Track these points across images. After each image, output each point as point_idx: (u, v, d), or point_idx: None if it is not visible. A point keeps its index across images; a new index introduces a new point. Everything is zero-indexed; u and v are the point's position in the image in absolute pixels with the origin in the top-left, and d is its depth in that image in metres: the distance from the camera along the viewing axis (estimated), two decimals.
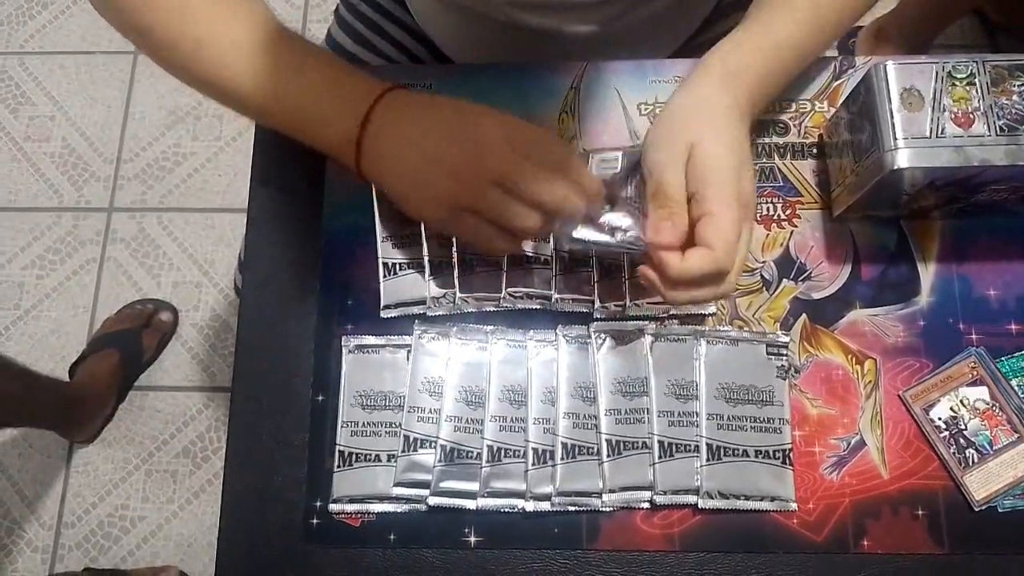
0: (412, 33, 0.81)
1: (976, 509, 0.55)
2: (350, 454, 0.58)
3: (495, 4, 0.69)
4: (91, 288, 1.51)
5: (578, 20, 0.70)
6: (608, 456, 0.56)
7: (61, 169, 1.58)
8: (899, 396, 0.58)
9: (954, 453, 0.56)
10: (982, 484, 0.56)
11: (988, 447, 0.56)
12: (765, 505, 0.56)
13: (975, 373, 0.57)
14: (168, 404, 1.44)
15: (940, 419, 0.57)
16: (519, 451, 0.57)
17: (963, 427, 0.57)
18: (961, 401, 0.57)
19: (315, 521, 0.57)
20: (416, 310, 0.60)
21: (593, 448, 0.57)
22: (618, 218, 0.53)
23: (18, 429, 1.41)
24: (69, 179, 1.58)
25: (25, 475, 1.41)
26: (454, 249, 0.59)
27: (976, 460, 0.56)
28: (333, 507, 0.57)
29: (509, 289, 0.59)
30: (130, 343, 1.41)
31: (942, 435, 0.57)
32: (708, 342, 0.59)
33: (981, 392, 0.57)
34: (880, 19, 1.48)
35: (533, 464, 0.56)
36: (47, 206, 1.56)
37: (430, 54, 0.81)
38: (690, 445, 0.57)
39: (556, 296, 0.59)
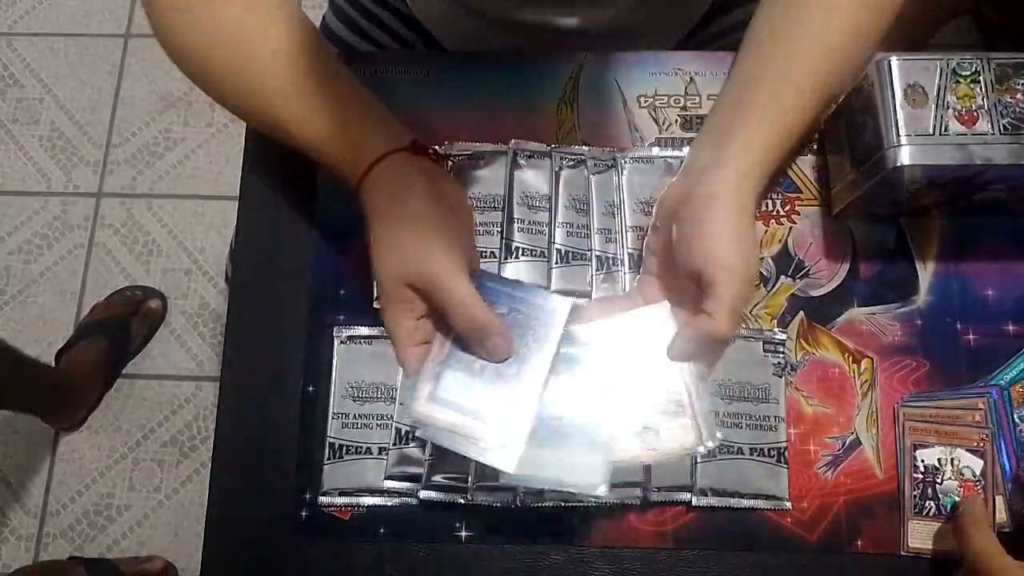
0: (408, 22, 0.80)
1: (901, 553, 0.55)
2: (340, 446, 0.57)
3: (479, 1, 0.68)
4: (79, 274, 1.49)
5: (571, 14, 0.69)
6: None
7: (49, 153, 1.56)
8: (895, 409, 0.57)
9: (915, 496, 0.55)
10: (922, 537, 0.55)
11: (948, 511, 0.55)
12: (759, 503, 0.55)
13: (981, 443, 0.56)
14: (156, 392, 1.43)
15: (923, 462, 0.56)
16: None
17: (938, 481, 0.56)
18: (952, 459, 0.56)
19: (304, 513, 0.57)
20: None
21: None
22: None
23: (2, 416, 1.40)
24: (58, 163, 1.56)
25: (10, 462, 1.39)
26: None
27: (931, 514, 0.55)
28: (322, 499, 0.56)
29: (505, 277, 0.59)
30: (118, 330, 1.39)
31: (915, 475, 0.56)
32: None
33: (976, 463, 0.56)
34: None
35: None
36: (35, 190, 1.54)
37: (426, 44, 0.80)
38: None
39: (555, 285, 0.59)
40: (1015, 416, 0.56)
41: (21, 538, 1.36)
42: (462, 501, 0.55)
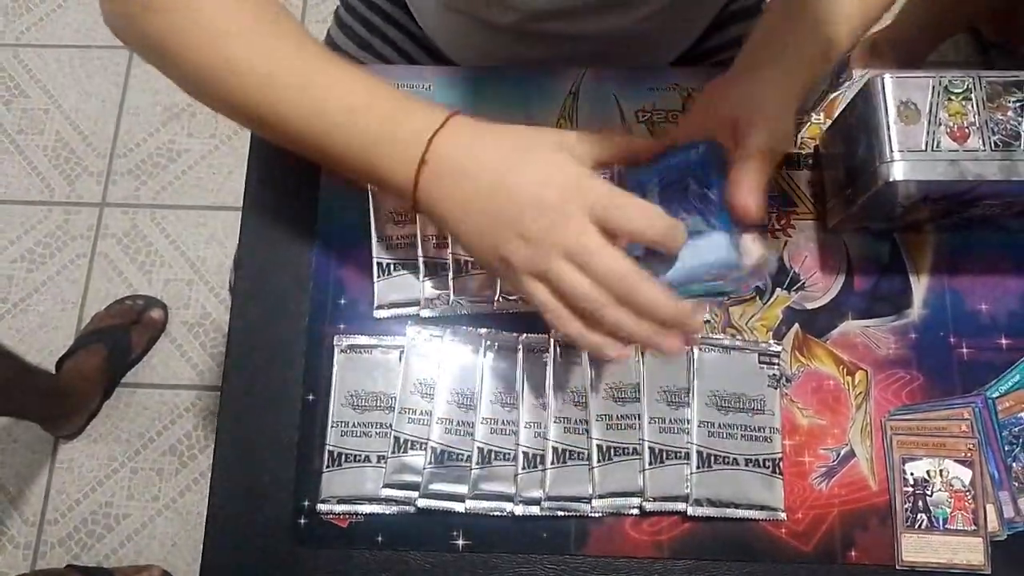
0: (413, 37, 0.81)
1: (897, 567, 0.55)
2: (339, 454, 0.57)
3: (504, 15, 0.69)
4: (81, 283, 1.50)
5: (596, 23, 0.70)
6: (598, 461, 0.56)
7: (54, 163, 1.57)
8: (882, 422, 0.58)
9: (907, 509, 0.56)
10: (916, 550, 0.55)
11: (940, 523, 0.55)
12: (754, 514, 0.56)
13: (969, 453, 0.56)
14: (155, 401, 1.43)
15: (912, 475, 0.56)
16: (509, 454, 0.57)
17: (929, 493, 0.56)
18: (941, 471, 0.56)
19: (303, 521, 0.57)
20: (410, 311, 0.60)
21: (583, 453, 0.57)
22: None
23: (2, 423, 1.40)
24: (61, 173, 1.57)
25: (8, 470, 1.39)
26: (449, 250, 0.59)
27: (924, 526, 0.55)
28: (321, 507, 0.57)
29: (504, 292, 0.59)
30: (119, 339, 1.40)
31: (905, 488, 0.56)
32: (700, 349, 0.59)
33: (964, 473, 0.56)
34: (875, 34, 1.49)
35: (523, 468, 0.56)
36: (38, 199, 1.55)
37: (431, 59, 0.81)
38: (680, 452, 0.57)
39: None
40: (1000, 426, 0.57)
41: (19, 546, 1.36)
42: (460, 510, 0.56)
